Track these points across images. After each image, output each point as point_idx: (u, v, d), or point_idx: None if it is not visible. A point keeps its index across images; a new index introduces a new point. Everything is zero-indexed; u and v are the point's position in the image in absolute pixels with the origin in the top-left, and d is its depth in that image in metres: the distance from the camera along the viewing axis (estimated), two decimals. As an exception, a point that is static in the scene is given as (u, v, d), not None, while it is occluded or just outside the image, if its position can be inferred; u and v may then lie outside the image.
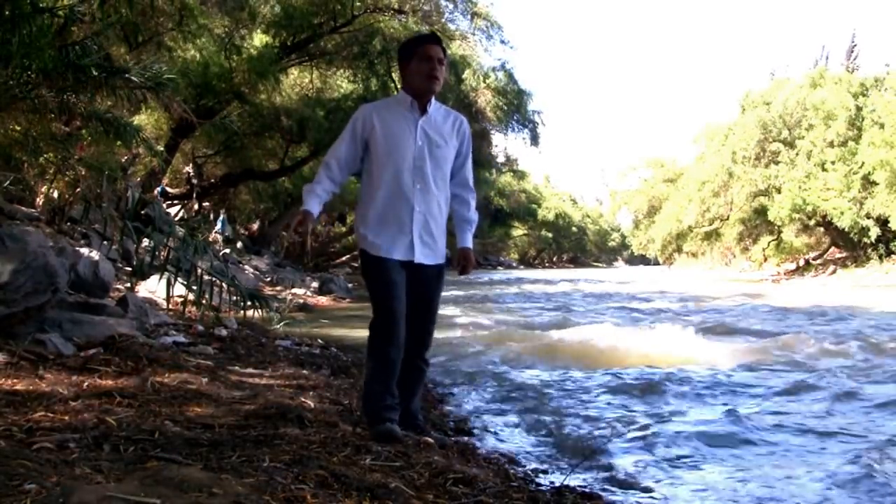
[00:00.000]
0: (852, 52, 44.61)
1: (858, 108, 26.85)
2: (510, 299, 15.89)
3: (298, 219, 2.75)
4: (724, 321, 9.96)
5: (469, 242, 2.98)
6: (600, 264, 77.07)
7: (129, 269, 8.53)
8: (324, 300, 13.16)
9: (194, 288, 4.41)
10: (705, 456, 3.25)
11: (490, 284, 24.14)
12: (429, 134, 2.81)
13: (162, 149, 12.75)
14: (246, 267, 14.69)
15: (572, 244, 69.78)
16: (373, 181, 2.82)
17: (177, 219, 15.29)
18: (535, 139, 19.78)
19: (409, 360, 2.87)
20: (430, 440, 2.78)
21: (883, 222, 24.32)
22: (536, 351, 6.50)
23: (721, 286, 22.46)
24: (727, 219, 31.30)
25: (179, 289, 4.89)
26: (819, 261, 30.12)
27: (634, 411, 4.14)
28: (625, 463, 3.12)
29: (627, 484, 2.85)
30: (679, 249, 37.48)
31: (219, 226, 18.17)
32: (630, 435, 3.53)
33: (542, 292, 19.10)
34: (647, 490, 2.79)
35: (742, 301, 14.34)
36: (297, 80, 17.95)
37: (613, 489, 2.76)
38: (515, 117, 19.04)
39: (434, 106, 2.87)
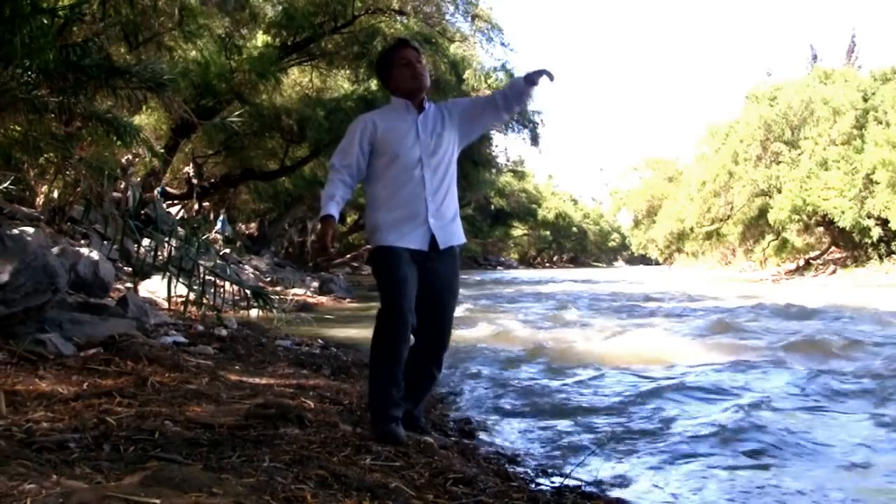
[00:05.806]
0: (852, 51, 44.62)
1: (869, 97, 26.72)
2: (511, 300, 15.88)
3: (324, 229, 2.76)
4: (722, 321, 9.94)
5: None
6: (600, 264, 77.02)
7: (129, 269, 8.53)
8: (324, 300, 13.16)
9: (196, 288, 4.40)
10: (706, 455, 3.24)
11: (492, 284, 24.12)
12: (428, 127, 2.90)
13: (162, 149, 12.73)
14: (246, 267, 14.68)
15: (572, 244, 69.85)
16: (382, 180, 2.85)
17: (177, 219, 15.26)
18: (535, 139, 19.82)
19: (424, 366, 2.89)
20: (430, 440, 2.78)
21: (884, 222, 24.27)
22: (537, 351, 6.50)
23: (720, 286, 22.44)
24: (728, 219, 31.25)
25: (180, 289, 4.89)
26: (819, 261, 30.06)
27: (635, 411, 4.13)
28: (625, 463, 3.11)
29: (628, 484, 2.84)
30: (680, 249, 37.45)
31: (219, 226, 18.20)
32: (631, 435, 3.53)
33: (541, 293, 19.09)
34: (648, 490, 2.79)
35: (740, 301, 14.32)
36: (297, 80, 17.95)
37: (613, 489, 2.75)
38: (515, 117, 19.05)
39: (428, 105, 2.97)
